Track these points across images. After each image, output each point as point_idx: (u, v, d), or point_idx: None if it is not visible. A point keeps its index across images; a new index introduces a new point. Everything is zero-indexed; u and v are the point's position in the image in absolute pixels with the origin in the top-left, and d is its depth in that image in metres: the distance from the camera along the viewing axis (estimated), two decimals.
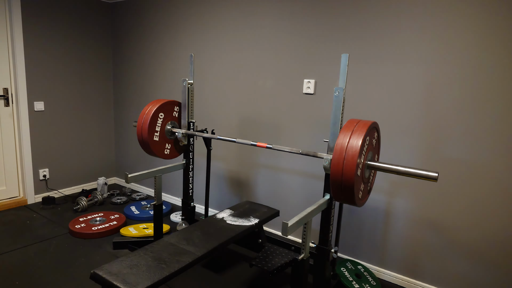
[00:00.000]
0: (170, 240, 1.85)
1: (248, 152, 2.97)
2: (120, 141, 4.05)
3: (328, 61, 2.44)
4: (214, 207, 3.32)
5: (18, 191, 3.40)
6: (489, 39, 1.87)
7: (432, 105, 2.08)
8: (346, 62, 1.69)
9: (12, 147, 3.30)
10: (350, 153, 1.47)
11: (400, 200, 2.27)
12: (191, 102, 2.51)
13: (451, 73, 2.00)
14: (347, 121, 1.61)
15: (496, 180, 1.94)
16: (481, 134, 1.95)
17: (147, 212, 3.23)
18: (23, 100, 3.24)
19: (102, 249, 2.59)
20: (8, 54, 3.17)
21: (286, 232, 1.46)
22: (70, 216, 3.14)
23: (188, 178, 2.63)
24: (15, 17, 3.09)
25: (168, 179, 3.65)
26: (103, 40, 3.82)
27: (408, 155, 2.21)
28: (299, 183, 2.71)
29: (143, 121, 2.36)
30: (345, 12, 2.32)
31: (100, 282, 1.48)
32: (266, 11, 2.67)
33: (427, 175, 1.50)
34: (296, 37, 2.56)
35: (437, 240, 2.15)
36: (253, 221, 2.18)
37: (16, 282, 2.14)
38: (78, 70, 3.63)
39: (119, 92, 3.93)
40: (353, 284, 2.14)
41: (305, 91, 2.55)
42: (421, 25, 2.06)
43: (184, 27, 3.20)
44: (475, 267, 2.05)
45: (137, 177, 2.25)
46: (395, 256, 2.33)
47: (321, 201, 1.81)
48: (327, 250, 1.89)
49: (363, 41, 2.28)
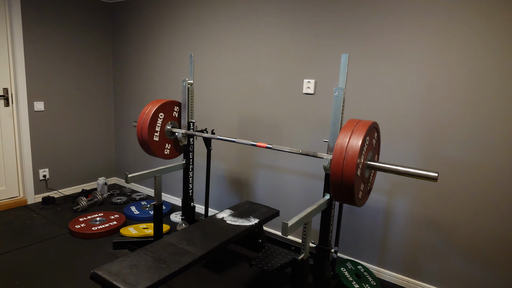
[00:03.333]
0: (170, 240, 1.85)
1: (248, 152, 2.97)
2: (120, 141, 4.05)
3: (328, 61, 2.44)
4: (214, 207, 3.32)
5: (18, 191, 3.40)
6: (489, 39, 1.87)
7: (432, 105, 2.08)
8: (346, 62, 1.69)
9: (12, 147, 3.30)
10: (350, 153, 1.47)
11: (400, 200, 2.27)
12: (191, 102, 2.51)
13: (451, 73, 2.00)
14: (347, 121, 1.61)
15: (496, 180, 1.94)
16: (481, 134, 1.95)
17: (147, 212, 3.23)
18: (23, 100, 3.24)
19: (102, 249, 2.59)
20: (8, 54, 3.17)
21: (286, 232, 1.46)
22: (70, 216, 3.14)
23: (188, 178, 2.63)
24: (15, 17, 3.09)
25: (168, 179, 3.65)
26: (103, 40, 3.82)
27: (408, 155, 2.21)
28: (299, 183, 2.71)
29: (143, 121, 2.36)
30: (345, 12, 2.32)
31: (100, 282, 1.48)
32: (266, 11, 2.67)
33: (427, 175, 1.50)
34: (296, 37, 2.56)
35: (437, 240, 2.15)
36: (253, 221, 2.18)
37: (16, 282, 2.14)
38: (78, 70, 3.64)
39: (119, 92, 3.93)
40: (353, 284, 2.14)
41: (305, 91, 2.55)
42: (421, 25, 2.06)
43: (184, 27, 3.20)
44: (475, 267, 2.05)
45: (137, 177, 2.25)
46: (395, 256, 2.33)
47: (321, 201, 1.81)
48: (327, 250, 1.89)
49: (363, 41, 2.28)
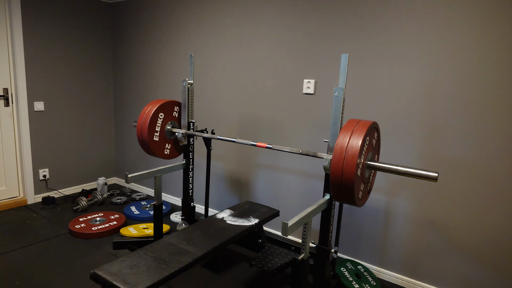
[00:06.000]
0: (170, 240, 1.85)
1: (248, 152, 2.97)
2: (120, 141, 4.05)
3: (328, 61, 2.44)
4: (214, 207, 3.32)
5: (18, 191, 3.40)
6: (489, 39, 1.87)
7: (432, 105, 2.08)
8: (346, 62, 1.69)
9: (12, 147, 3.30)
10: (350, 153, 1.47)
11: (400, 200, 2.27)
12: (191, 102, 2.51)
13: (451, 72, 2.00)
14: (347, 121, 1.61)
15: (496, 180, 1.94)
16: (481, 134, 1.95)
17: (147, 212, 3.23)
18: (23, 100, 3.24)
19: (102, 249, 2.59)
20: (8, 54, 3.17)
21: (286, 232, 1.46)
22: (70, 216, 3.14)
23: (188, 178, 2.63)
24: (15, 17, 3.09)
25: (168, 179, 3.65)
26: (103, 40, 3.82)
27: (408, 155, 2.20)
28: (299, 183, 2.71)
29: (143, 121, 2.36)
30: (345, 12, 2.32)
31: (100, 282, 1.48)
32: (266, 10, 2.67)
33: (427, 175, 1.50)
34: (296, 37, 2.56)
35: (437, 240, 2.15)
36: (253, 221, 2.18)
37: (16, 282, 2.14)
38: (78, 70, 3.64)
39: (119, 92, 3.93)
40: (353, 284, 2.14)
41: (305, 91, 2.55)
42: (421, 25, 2.06)
43: (184, 27, 3.20)
44: (475, 267, 2.05)
45: (137, 177, 2.25)
46: (395, 256, 2.33)
47: (321, 201, 1.81)
48: (327, 250, 1.89)
49: (363, 41, 2.28)
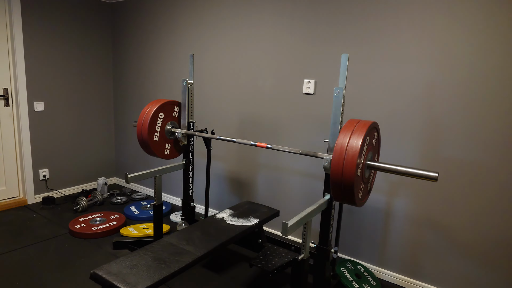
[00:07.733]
0: (170, 240, 1.85)
1: (248, 152, 2.97)
2: (120, 141, 4.05)
3: (328, 61, 2.44)
4: (214, 207, 3.32)
5: (18, 191, 3.40)
6: (489, 39, 1.87)
7: (432, 105, 2.08)
8: (346, 62, 1.69)
9: (12, 147, 3.30)
10: (350, 153, 1.47)
11: (400, 200, 2.27)
12: (191, 102, 2.51)
13: (451, 73, 2.00)
14: (347, 121, 1.61)
15: (496, 180, 1.94)
16: (481, 134, 1.95)
17: (147, 212, 3.23)
18: (23, 100, 3.24)
19: (102, 249, 2.59)
20: (8, 54, 3.17)
21: (286, 232, 1.46)
22: (70, 216, 3.14)
23: (188, 178, 2.63)
24: (15, 17, 3.09)
25: (168, 179, 3.65)
26: (103, 40, 3.82)
27: (408, 155, 2.20)
28: (299, 183, 2.71)
29: (143, 121, 2.36)
30: (345, 12, 2.32)
31: (100, 282, 1.48)
32: (266, 11, 2.67)
33: (427, 175, 1.50)
34: (296, 37, 2.56)
35: (437, 240, 2.15)
36: (253, 221, 2.18)
37: (16, 282, 2.14)
38: (78, 70, 3.64)
39: (119, 92, 3.93)
40: (353, 284, 2.14)
41: (305, 91, 2.55)
42: (421, 25, 2.06)
43: (184, 27, 3.20)
44: (475, 267, 2.05)
45: (137, 177, 2.25)
46: (395, 256, 2.33)
47: (321, 201, 1.81)
48: (327, 250, 1.89)
49: (363, 41, 2.28)
